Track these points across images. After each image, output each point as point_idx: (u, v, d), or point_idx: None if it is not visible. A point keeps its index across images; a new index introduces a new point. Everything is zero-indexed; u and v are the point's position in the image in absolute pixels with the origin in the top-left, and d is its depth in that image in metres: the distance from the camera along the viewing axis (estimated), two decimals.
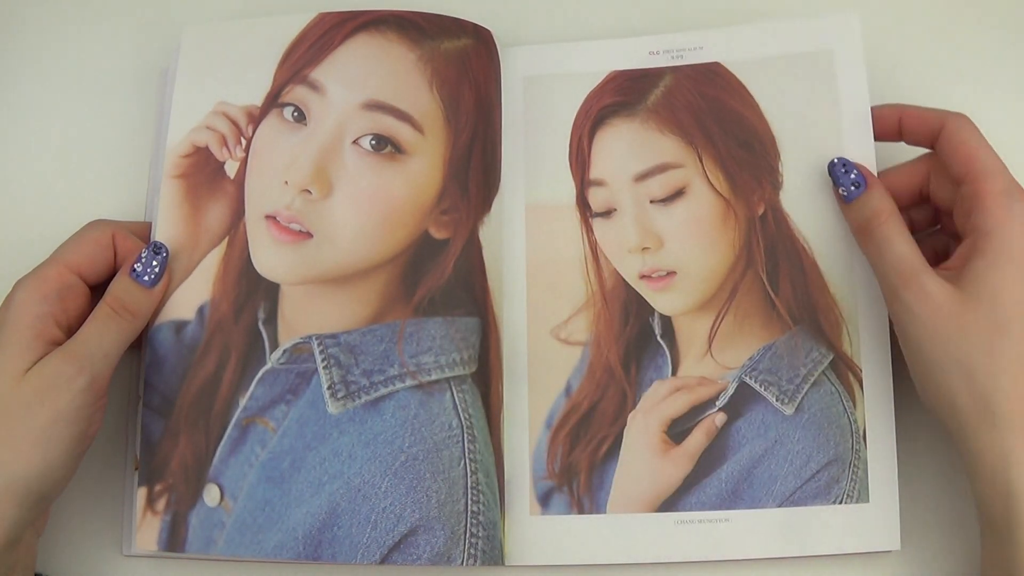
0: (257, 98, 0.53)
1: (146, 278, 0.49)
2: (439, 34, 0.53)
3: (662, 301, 0.53)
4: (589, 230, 0.54)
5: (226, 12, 0.59)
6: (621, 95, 0.54)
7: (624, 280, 0.53)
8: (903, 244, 0.46)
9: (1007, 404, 0.42)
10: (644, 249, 0.52)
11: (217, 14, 0.59)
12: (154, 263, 0.49)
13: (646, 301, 0.53)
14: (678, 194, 0.52)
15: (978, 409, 0.43)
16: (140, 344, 0.51)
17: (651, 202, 0.52)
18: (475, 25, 0.54)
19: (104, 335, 0.47)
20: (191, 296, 0.51)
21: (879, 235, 0.47)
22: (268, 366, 0.51)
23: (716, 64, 0.54)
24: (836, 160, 0.50)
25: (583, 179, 0.54)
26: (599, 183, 0.53)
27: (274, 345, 0.51)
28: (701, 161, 0.53)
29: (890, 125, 0.51)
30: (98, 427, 0.47)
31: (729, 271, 0.52)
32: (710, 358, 0.52)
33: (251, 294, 0.52)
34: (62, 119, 0.58)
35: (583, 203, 0.54)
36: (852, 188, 0.49)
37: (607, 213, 0.53)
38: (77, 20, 0.59)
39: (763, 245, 0.52)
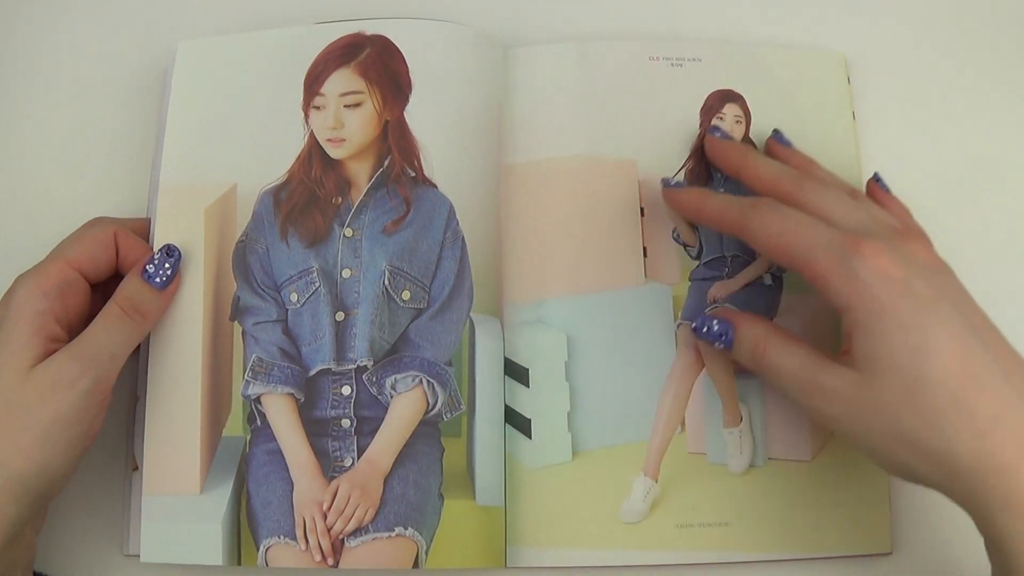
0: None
1: (158, 280, 0.49)
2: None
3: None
4: None
5: (223, 17, 0.59)
6: None
7: None
8: (789, 358, 0.44)
9: (967, 456, 0.40)
10: None
11: (215, 17, 0.59)
12: (166, 265, 0.49)
13: None
14: None
15: (940, 472, 0.41)
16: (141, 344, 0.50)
17: None
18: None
19: (112, 336, 0.46)
20: None
21: (767, 363, 0.45)
22: None
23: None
24: (694, 326, 0.48)
25: None
26: None
27: None
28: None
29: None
30: (99, 428, 0.46)
31: None
32: None
33: None
34: (63, 119, 0.57)
35: None
36: (723, 336, 0.47)
37: None
38: (78, 20, 0.59)
39: None
